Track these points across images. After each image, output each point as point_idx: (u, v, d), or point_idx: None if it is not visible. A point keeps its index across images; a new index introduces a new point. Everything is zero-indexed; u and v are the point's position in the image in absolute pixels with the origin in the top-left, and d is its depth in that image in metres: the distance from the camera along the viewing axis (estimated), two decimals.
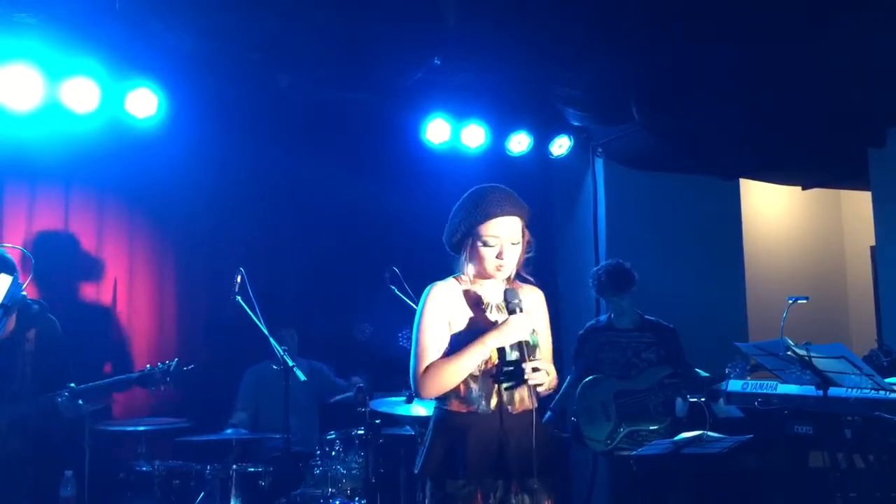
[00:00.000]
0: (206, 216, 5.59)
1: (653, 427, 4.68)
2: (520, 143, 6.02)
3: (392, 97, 5.42)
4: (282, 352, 4.28)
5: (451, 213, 2.87)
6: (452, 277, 2.87)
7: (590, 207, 6.49)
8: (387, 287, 4.41)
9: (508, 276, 2.86)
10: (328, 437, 4.84)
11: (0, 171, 5.05)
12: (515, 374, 2.72)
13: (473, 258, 2.82)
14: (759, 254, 7.37)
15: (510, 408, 2.78)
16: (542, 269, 6.37)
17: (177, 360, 4.17)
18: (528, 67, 5.15)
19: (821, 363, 3.74)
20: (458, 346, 2.74)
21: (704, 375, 4.73)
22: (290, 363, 4.27)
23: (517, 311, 2.75)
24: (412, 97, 5.45)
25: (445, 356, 2.75)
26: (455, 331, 2.79)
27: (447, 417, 2.78)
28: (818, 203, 8.01)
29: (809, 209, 7.98)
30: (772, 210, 7.73)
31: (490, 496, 2.72)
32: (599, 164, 6.49)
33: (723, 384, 4.63)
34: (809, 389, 4.07)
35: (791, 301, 4.34)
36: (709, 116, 5.43)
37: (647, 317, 4.96)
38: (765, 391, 4.46)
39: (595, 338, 4.98)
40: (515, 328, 2.73)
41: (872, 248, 6.93)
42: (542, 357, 2.87)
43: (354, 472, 4.68)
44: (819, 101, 5.21)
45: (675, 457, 4.08)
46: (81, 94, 4.72)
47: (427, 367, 2.73)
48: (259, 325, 4.29)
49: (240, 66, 4.83)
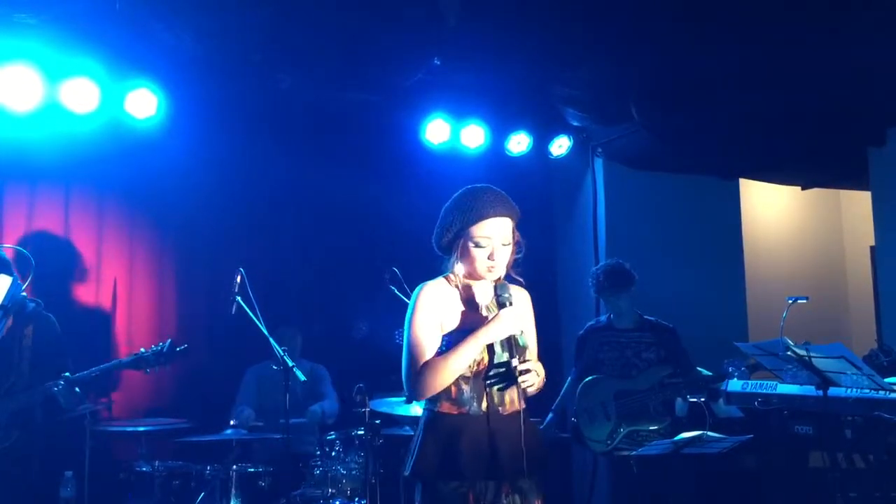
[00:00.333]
0: (206, 216, 5.59)
1: (653, 427, 4.68)
2: (519, 144, 6.02)
3: (392, 97, 5.42)
4: (281, 352, 4.28)
5: (442, 214, 2.86)
6: (442, 277, 2.86)
7: (589, 207, 6.49)
8: (386, 287, 4.41)
9: (499, 277, 2.84)
10: (328, 438, 4.84)
11: (0, 172, 5.05)
12: (506, 376, 2.72)
13: (464, 258, 2.81)
14: (759, 254, 7.36)
15: (501, 409, 2.78)
16: (542, 270, 6.47)
17: (170, 341, 4.21)
18: (528, 68, 5.15)
19: (820, 363, 3.74)
20: (450, 346, 2.74)
21: (707, 374, 4.73)
22: (290, 363, 4.26)
23: (507, 305, 2.75)
24: (412, 97, 5.45)
25: (438, 356, 2.74)
26: (446, 331, 2.78)
27: (438, 419, 2.77)
28: (818, 203, 8.01)
29: (809, 209, 7.98)
30: (771, 210, 7.73)
31: (482, 497, 2.71)
32: (599, 165, 6.49)
33: (722, 384, 4.64)
34: (809, 389, 4.07)
35: (791, 301, 4.34)
36: (708, 116, 5.43)
37: (647, 317, 4.96)
38: (765, 391, 4.46)
39: (595, 338, 4.98)
40: (507, 322, 2.72)
41: (872, 248, 6.93)
42: (530, 358, 2.87)
43: (354, 473, 4.68)
44: (819, 101, 5.21)
45: (676, 457, 4.08)
46: (81, 95, 4.72)
47: (421, 367, 2.72)
48: (259, 326, 4.28)
49: (240, 67, 4.82)
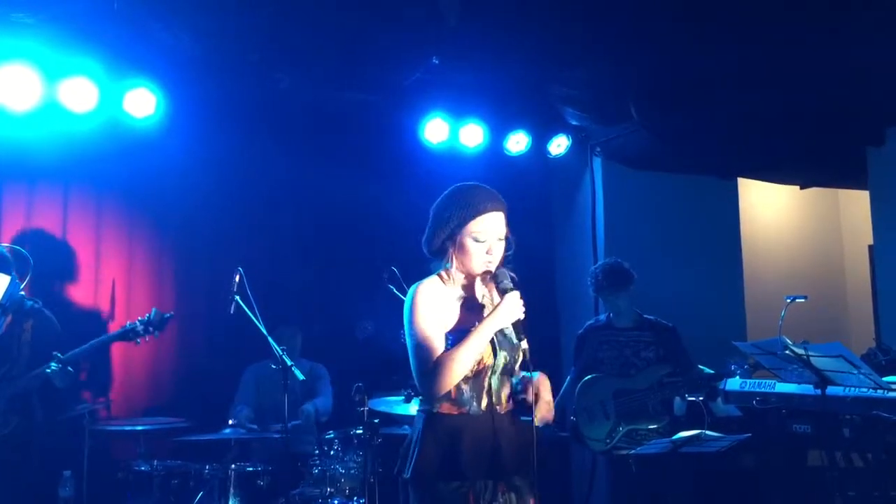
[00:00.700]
0: (205, 216, 5.59)
1: (651, 426, 4.68)
2: (518, 143, 6.02)
3: (391, 97, 5.42)
4: (280, 351, 4.28)
5: (435, 212, 2.84)
6: (435, 276, 2.84)
7: (588, 207, 6.49)
8: (385, 287, 4.41)
9: (490, 273, 2.83)
10: (327, 437, 4.84)
11: None
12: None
13: (461, 255, 2.80)
14: (758, 253, 7.37)
15: (499, 407, 2.79)
16: (541, 269, 6.47)
17: (155, 310, 4.26)
18: (527, 67, 5.15)
19: (819, 362, 3.75)
20: (454, 344, 2.72)
21: (708, 372, 4.74)
22: (289, 362, 4.26)
23: (509, 290, 2.75)
24: (411, 97, 5.45)
25: (448, 351, 2.71)
26: (446, 329, 2.77)
27: (438, 420, 2.75)
28: (816, 202, 8.01)
29: (808, 208, 7.99)
30: (770, 209, 7.73)
31: (480, 496, 2.71)
32: (598, 164, 6.49)
33: (721, 383, 4.64)
34: (808, 388, 4.08)
35: (789, 300, 4.34)
36: (707, 116, 5.43)
37: (646, 316, 4.96)
38: (763, 390, 4.47)
39: (594, 337, 4.98)
40: (513, 307, 2.72)
41: (870, 247, 6.93)
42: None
43: (353, 472, 4.68)
44: (817, 100, 5.21)
45: (674, 456, 4.08)
46: (80, 94, 4.71)
47: (434, 364, 2.68)
48: (257, 325, 4.28)
49: (238, 66, 4.82)
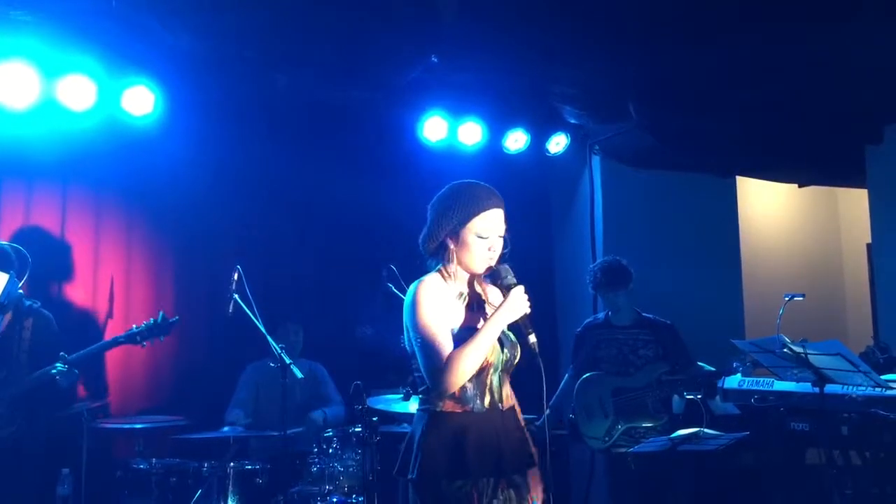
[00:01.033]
0: (203, 214, 5.58)
1: (650, 424, 4.69)
2: (517, 141, 6.02)
3: (389, 95, 5.41)
4: (279, 349, 4.27)
5: (436, 210, 2.82)
6: (435, 273, 2.82)
7: (587, 205, 6.49)
8: (384, 285, 4.41)
9: (491, 269, 2.83)
10: (325, 435, 4.84)
11: None
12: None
13: (462, 252, 2.79)
14: (756, 251, 7.37)
15: (501, 405, 2.79)
16: (540, 267, 6.46)
17: (162, 314, 4.28)
18: (526, 65, 5.14)
19: (817, 360, 3.75)
20: (460, 342, 2.70)
21: (709, 369, 4.74)
22: (288, 360, 4.26)
23: (514, 285, 2.75)
24: (409, 95, 5.44)
25: (459, 347, 2.69)
26: (450, 327, 2.76)
27: (441, 418, 2.74)
28: (815, 200, 8.02)
29: (806, 206, 7.99)
30: (768, 208, 7.73)
31: (483, 494, 2.71)
32: (596, 162, 6.49)
33: (719, 381, 4.65)
34: (806, 386, 4.09)
35: (787, 298, 4.34)
36: (705, 114, 5.43)
37: (645, 314, 4.97)
38: (761, 388, 4.47)
39: (593, 335, 4.99)
40: (519, 301, 2.73)
41: (869, 246, 6.94)
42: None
43: (352, 470, 4.67)
44: (816, 99, 5.22)
45: (673, 454, 4.09)
46: (78, 92, 4.70)
47: (447, 360, 2.66)
48: (256, 323, 4.28)
49: (236, 64, 4.82)
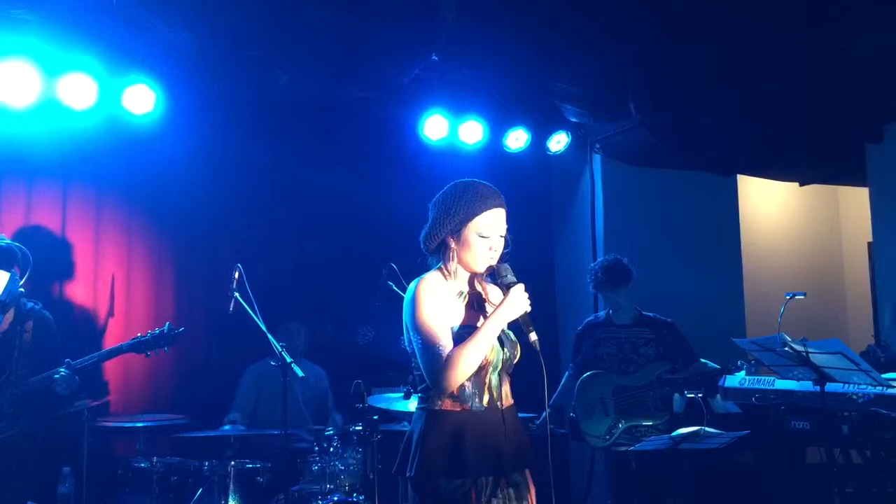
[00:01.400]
0: (204, 212, 5.58)
1: (651, 422, 4.69)
2: (517, 140, 6.01)
3: (390, 94, 5.41)
4: (280, 348, 4.27)
5: (438, 207, 2.81)
6: (436, 271, 2.82)
7: (587, 203, 6.49)
8: (384, 283, 4.41)
9: (492, 268, 2.83)
10: (326, 434, 4.84)
11: None
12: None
13: (463, 250, 2.79)
14: (757, 250, 7.37)
15: (499, 403, 2.79)
16: (540, 266, 6.46)
17: (168, 324, 4.26)
18: (526, 64, 5.14)
19: (818, 359, 3.75)
20: (458, 341, 2.71)
21: (713, 367, 4.74)
22: (288, 359, 4.26)
23: (514, 283, 2.76)
24: (410, 94, 5.44)
25: (459, 345, 2.70)
26: (450, 325, 2.76)
27: (440, 417, 2.73)
28: (816, 199, 8.01)
29: (807, 205, 7.99)
30: (769, 206, 7.73)
31: (482, 493, 2.71)
32: (597, 161, 6.49)
33: (720, 380, 4.65)
34: (807, 385, 4.08)
35: (788, 297, 4.34)
36: (706, 113, 5.43)
37: (646, 313, 4.97)
38: (762, 387, 4.47)
39: (594, 333, 4.99)
40: (519, 299, 2.73)
41: (870, 244, 6.94)
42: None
43: (352, 469, 4.68)
44: (816, 97, 5.21)
45: (673, 452, 4.09)
46: (79, 91, 4.71)
47: (447, 358, 2.66)
48: (257, 322, 4.28)
49: (237, 63, 4.81)
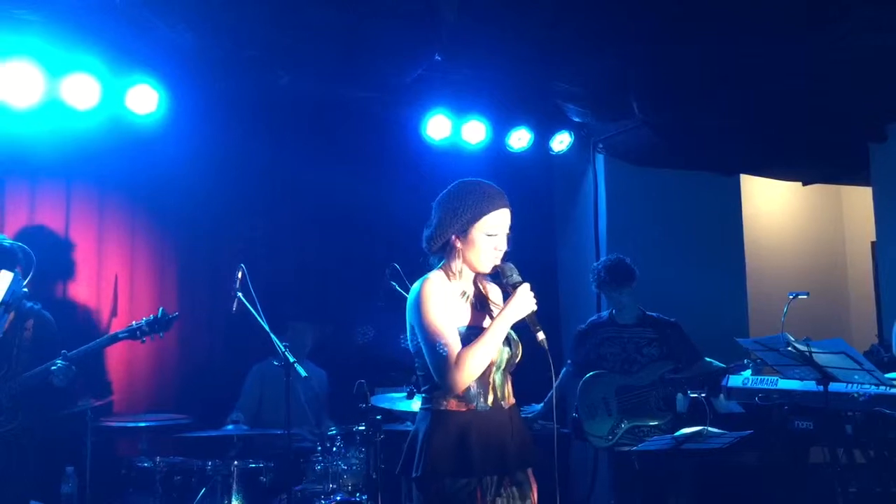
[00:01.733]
0: (207, 212, 5.59)
1: (654, 423, 4.69)
2: (520, 140, 6.01)
3: (392, 94, 5.41)
4: (283, 348, 4.27)
5: (444, 207, 2.80)
6: (440, 271, 2.81)
7: (590, 203, 6.48)
8: (387, 283, 4.41)
9: (497, 267, 2.83)
10: (329, 433, 4.84)
11: (1, 168, 5.05)
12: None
13: (470, 250, 2.78)
14: (760, 249, 7.36)
15: (503, 403, 2.80)
16: (543, 265, 6.45)
17: (162, 310, 4.32)
18: (528, 63, 5.14)
19: (822, 359, 3.75)
20: (464, 342, 2.71)
21: (719, 366, 4.74)
22: (291, 359, 4.26)
23: (519, 283, 2.77)
24: (412, 94, 5.44)
25: (469, 345, 2.70)
26: (457, 326, 2.76)
27: (445, 417, 2.73)
28: (819, 199, 8.00)
29: (810, 205, 7.97)
30: (772, 206, 7.72)
31: (487, 492, 2.72)
32: (600, 160, 6.49)
33: (724, 380, 4.64)
34: (810, 385, 4.08)
35: (792, 296, 4.34)
36: (709, 112, 5.43)
37: (649, 313, 4.96)
38: (765, 387, 4.47)
39: (597, 333, 4.99)
40: (527, 298, 2.74)
41: (873, 244, 6.93)
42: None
43: (355, 468, 4.68)
44: (820, 97, 5.21)
45: (676, 452, 4.09)
46: (82, 91, 4.72)
47: (458, 358, 2.66)
48: (260, 321, 4.28)
49: (240, 63, 4.82)
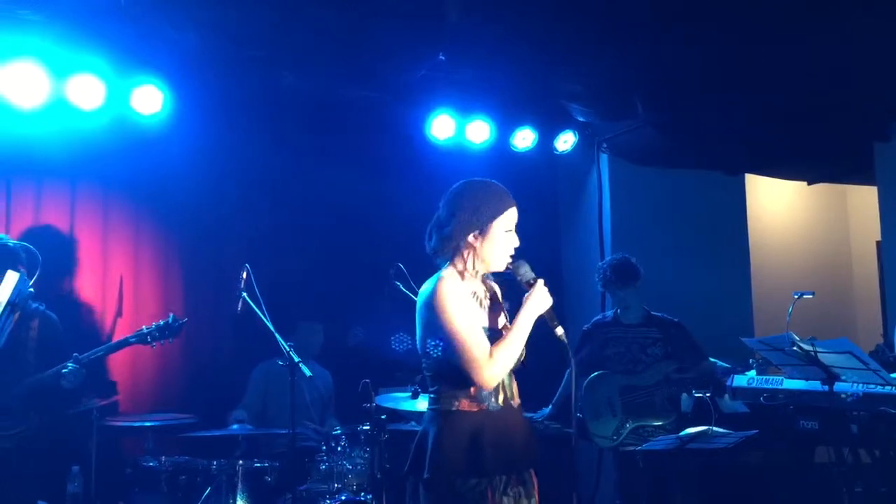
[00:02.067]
0: (212, 212, 5.59)
1: (658, 422, 4.68)
2: (525, 139, 6.01)
3: (396, 93, 5.41)
4: (287, 347, 4.28)
5: (462, 207, 2.79)
6: (453, 271, 2.82)
7: (595, 203, 6.48)
8: (391, 283, 4.41)
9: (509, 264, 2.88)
10: (334, 433, 4.85)
11: (6, 169, 5.06)
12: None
13: (489, 247, 2.80)
14: (765, 249, 7.35)
15: (512, 402, 2.82)
16: (548, 265, 6.45)
17: (172, 316, 4.35)
18: (533, 63, 5.14)
19: (827, 358, 3.74)
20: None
21: (723, 366, 4.73)
22: (296, 359, 4.27)
23: (533, 279, 2.83)
24: (417, 93, 5.45)
25: (499, 341, 2.76)
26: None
27: (457, 417, 2.74)
28: (824, 198, 7.99)
29: (815, 204, 7.96)
30: (777, 205, 7.71)
31: (496, 491, 2.73)
32: (604, 160, 6.48)
33: (728, 380, 4.64)
34: (815, 385, 4.07)
35: (797, 296, 4.33)
36: (713, 111, 5.42)
37: (654, 312, 4.96)
38: (770, 386, 4.46)
39: (601, 333, 4.98)
40: (542, 295, 2.81)
41: (878, 243, 6.92)
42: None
43: (360, 468, 4.68)
44: (824, 96, 5.20)
45: (681, 452, 4.09)
46: (87, 91, 4.73)
47: (491, 355, 2.70)
48: (265, 322, 4.29)
49: (244, 64, 4.83)
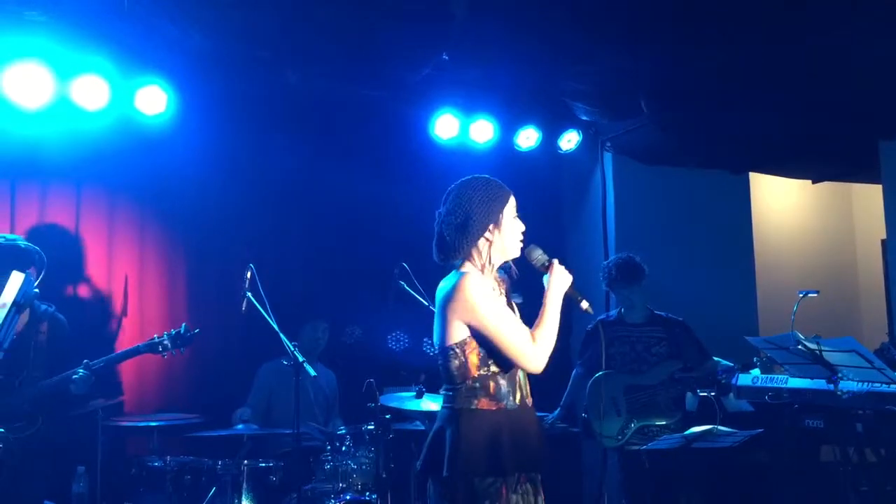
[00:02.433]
0: (216, 212, 5.60)
1: (663, 422, 4.68)
2: (528, 138, 6.01)
3: (401, 93, 5.42)
4: (292, 347, 4.29)
5: (472, 204, 2.80)
6: (471, 266, 2.83)
7: (599, 202, 6.48)
8: (396, 283, 4.41)
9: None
10: (338, 433, 4.85)
11: (11, 169, 5.07)
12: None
13: (506, 237, 2.85)
14: (770, 248, 7.34)
15: (528, 401, 2.86)
16: None
17: (184, 325, 4.36)
18: (536, 62, 5.14)
19: (832, 357, 3.74)
20: None
21: (727, 365, 4.73)
22: (301, 358, 4.27)
23: (548, 260, 2.91)
24: (420, 93, 5.45)
25: (536, 327, 2.82)
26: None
27: (475, 416, 2.75)
28: (829, 196, 7.97)
29: (820, 203, 7.95)
30: (782, 204, 7.70)
31: (510, 490, 2.75)
32: (608, 159, 6.48)
33: (733, 378, 4.63)
34: (820, 383, 4.07)
35: (801, 295, 4.33)
36: (717, 110, 5.41)
37: (658, 311, 4.96)
38: (775, 385, 4.46)
39: (605, 332, 4.98)
40: (562, 273, 2.89)
41: (883, 242, 6.90)
42: None
43: (365, 467, 4.68)
44: (829, 94, 5.19)
45: (686, 451, 4.09)
46: (91, 92, 4.73)
47: (536, 339, 2.78)
48: (269, 321, 4.29)
49: (248, 63, 4.83)
